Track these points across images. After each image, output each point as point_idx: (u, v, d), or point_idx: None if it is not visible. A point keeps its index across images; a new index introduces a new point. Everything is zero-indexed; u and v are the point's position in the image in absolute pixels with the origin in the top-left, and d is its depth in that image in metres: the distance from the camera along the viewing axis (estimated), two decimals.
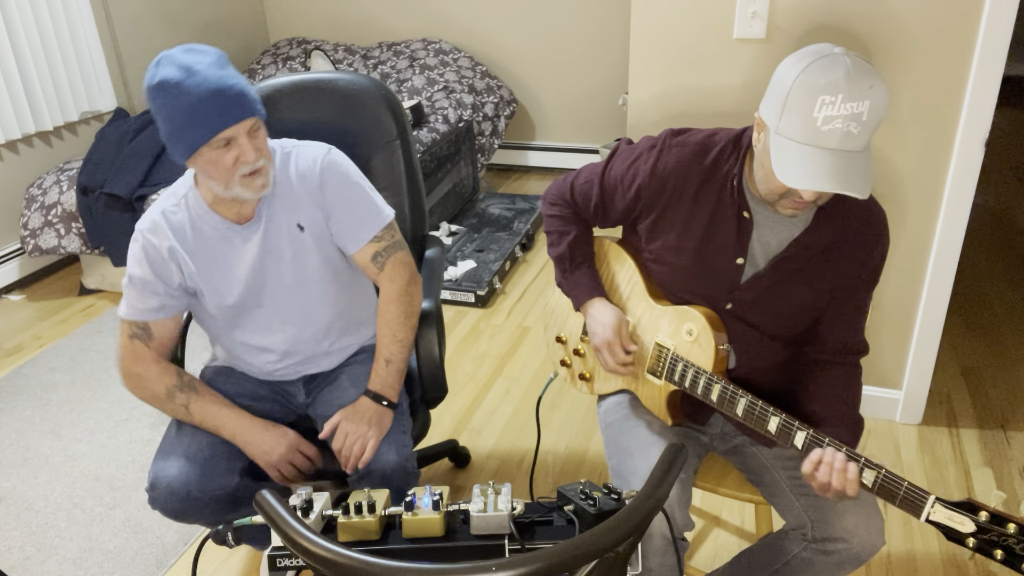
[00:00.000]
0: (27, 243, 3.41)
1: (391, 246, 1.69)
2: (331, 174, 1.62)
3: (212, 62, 1.44)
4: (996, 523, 1.11)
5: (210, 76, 1.41)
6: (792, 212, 1.33)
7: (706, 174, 1.43)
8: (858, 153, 1.22)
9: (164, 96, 1.41)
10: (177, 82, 1.40)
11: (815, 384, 1.46)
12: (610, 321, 1.52)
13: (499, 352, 2.98)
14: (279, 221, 1.61)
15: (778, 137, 1.25)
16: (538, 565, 0.87)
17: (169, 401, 1.60)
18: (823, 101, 1.19)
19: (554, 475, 2.33)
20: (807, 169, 1.21)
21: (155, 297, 1.59)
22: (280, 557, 1.11)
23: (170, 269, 1.58)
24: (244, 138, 1.46)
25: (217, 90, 1.41)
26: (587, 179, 1.58)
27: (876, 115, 1.20)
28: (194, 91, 1.40)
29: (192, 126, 1.41)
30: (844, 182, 1.20)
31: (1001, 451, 2.34)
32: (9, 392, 2.82)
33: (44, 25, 3.58)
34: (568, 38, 4.58)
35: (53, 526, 2.19)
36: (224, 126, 1.42)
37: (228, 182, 1.49)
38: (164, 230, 1.58)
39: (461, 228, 3.93)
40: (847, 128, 1.19)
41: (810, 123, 1.20)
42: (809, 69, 1.21)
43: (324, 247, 1.65)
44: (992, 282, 3.35)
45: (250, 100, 1.46)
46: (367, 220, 1.66)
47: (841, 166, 1.20)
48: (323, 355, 1.74)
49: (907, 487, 1.19)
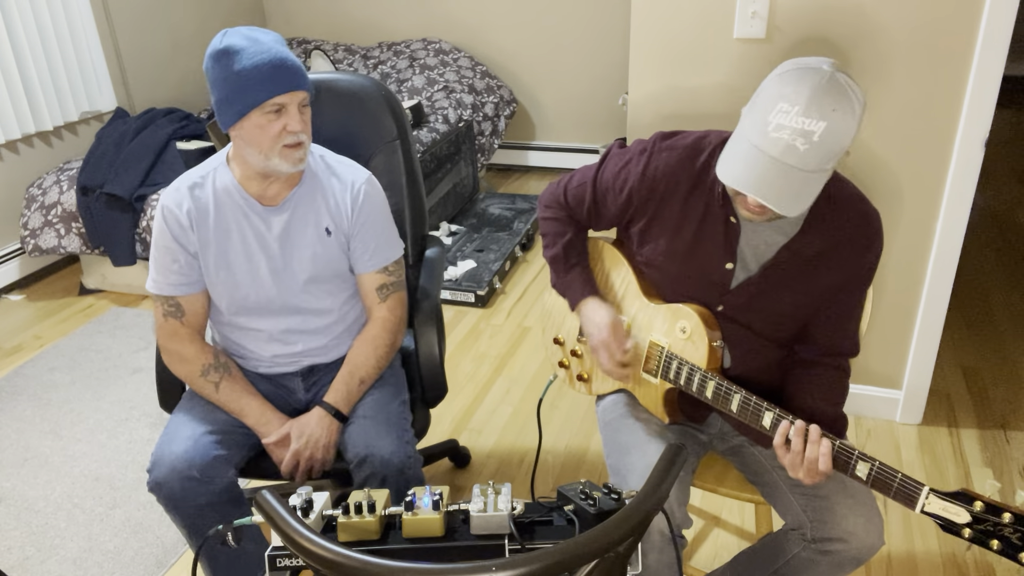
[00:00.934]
0: (27, 243, 3.41)
1: (397, 283, 1.77)
2: (368, 201, 1.70)
3: (275, 39, 1.55)
4: (991, 513, 1.11)
5: (273, 47, 1.52)
6: (748, 214, 1.32)
7: (696, 178, 1.43)
8: (799, 171, 1.19)
9: (227, 59, 1.50)
10: (242, 48, 1.50)
11: (800, 383, 1.46)
12: (604, 321, 1.52)
13: (499, 352, 2.98)
14: (307, 218, 1.67)
15: (738, 131, 1.27)
16: (538, 565, 0.87)
17: (202, 378, 1.67)
18: (780, 108, 1.19)
19: (554, 475, 2.33)
20: (739, 167, 1.22)
21: (176, 266, 1.64)
22: (280, 557, 1.11)
23: (189, 236, 1.64)
24: (294, 108, 1.54)
25: (280, 58, 1.51)
26: (580, 182, 1.59)
27: (832, 140, 1.18)
28: (257, 56, 1.50)
29: (250, 88, 1.49)
30: (767, 192, 1.19)
31: (1001, 451, 2.34)
32: (9, 392, 2.82)
33: (44, 25, 3.58)
34: (568, 38, 4.58)
35: (53, 526, 2.19)
36: (281, 91, 1.51)
37: (269, 151, 1.55)
38: (185, 198, 1.64)
39: (461, 228, 3.93)
40: (792, 141, 1.18)
41: (762, 125, 1.21)
42: (786, 75, 1.21)
43: (342, 254, 1.71)
44: (992, 282, 3.35)
45: (305, 76, 1.55)
46: (384, 249, 1.74)
47: (773, 177, 1.19)
48: (323, 348, 1.76)
49: (901, 479, 1.19)
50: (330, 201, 1.67)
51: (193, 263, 1.65)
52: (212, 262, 1.65)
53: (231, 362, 1.70)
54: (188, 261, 1.65)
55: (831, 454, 1.26)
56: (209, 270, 1.65)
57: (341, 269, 1.72)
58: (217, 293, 1.68)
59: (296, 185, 1.66)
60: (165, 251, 1.64)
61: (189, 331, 1.68)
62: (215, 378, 1.66)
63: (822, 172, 1.21)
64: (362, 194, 1.69)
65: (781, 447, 1.31)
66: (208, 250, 1.64)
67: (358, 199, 1.68)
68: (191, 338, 1.67)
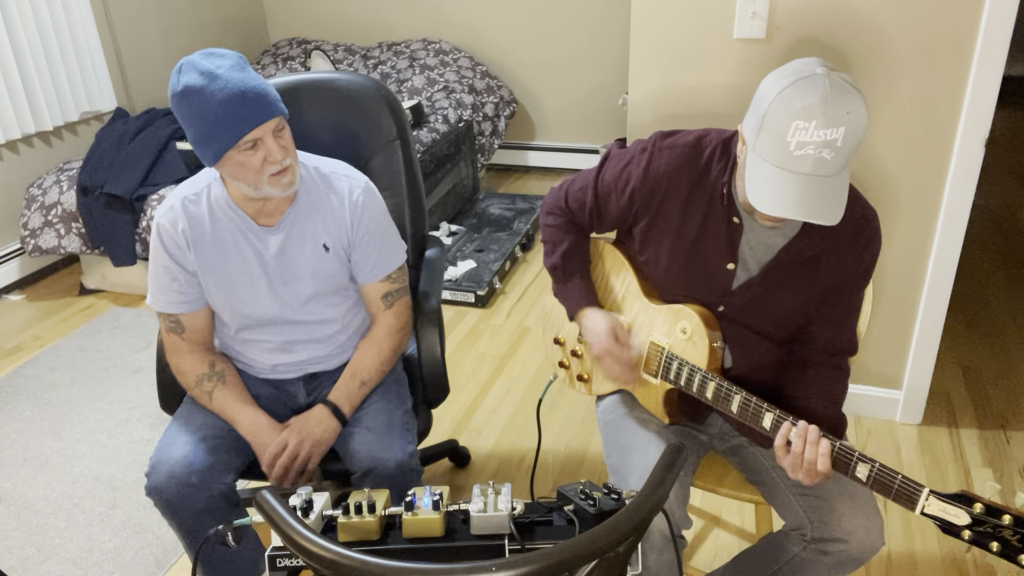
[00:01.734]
0: (27, 243, 3.41)
1: (401, 289, 1.75)
2: (367, 211, 1.66)
3: (232, 65, 1.46)
4: (991, 515, 1.11)
5: (231, 79, 1.43)
6: (771, 224, 1.33)
7: (698, 176, 1.43)
8: (830, 178, 1.20)
9: (188, 103, 1.44)
10: (200, 88, 1.42)
11: (800, 382, 1.46)
12: (603, 329, 1.50)
13: (499, 352, 2.98)
14: (303, 236, 1.63)
15: (754, 155, 1.24)
16: (538, 565, 0.87)
17: (196, 388, 1.66)
18: (797, 126, 1.17)
19: (554, 475, 2.33)
20: (776, 193, 1.21)
21: (175, 285, 1.62)
22: (280, 557, 1.11)
23: (187, 256, 1.61)
24: (270, 138, 1.48)
25: (239, 93, 1.43)
26: (581, 186, 1.59)
27: (853, 140, 1.19)
28: (217, 96, 1.42)
29: (218, 131, 1.43)
30: (811, 209, 1.19)
31: (1001, 451, 2.34)
32: (9, 392, 2.82)
33: (44, 25, 3.58)
34: (568, 38, 4.58)
35: (53, 526, 2.19)
36: (249, 128, 1.44)
37: (257, 183, 1.51)
38: (180, 217, 1.60)
39: (461, 228, 3.93)
40: (819, 154, 1.18)
41: (783, 147, 1.19)
42: (787, 91, 1.19)
43: (343, 268, 1.69)
44: (992, 282, 3.35)
45: (272, 100, 1.48)
46: (387, 257, 1.71)
47: (811, 192, 1.19)
48: (326, 356, 1.75)
49: (901, 480, 1.19)
50: (327, 217, 1.64)
51: (192, 281, 1.63)
52: (212, 281, 1.63)
53: (227, 369, 1.68)
54: (187, 279, 1.62)
55: (830, 455, 1.26)
56: (210, 289, 1.63)
57: (342, 283, 1.70)
58: (220, 309, 1.67)
59: (292, 203, 1.62)
60: (164, 270, 1.62)
61: (188, 344, 1.67)
62: (208, 387, 1.65)
63: (846, 169, 1.23)
64: (360, 205, 1.65)
65: (781, 448, 1.31)
66: (207, 269, 1.62)
67: (356, 211, 1.65)
68: (189, 350, 1.67)
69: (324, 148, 1.89)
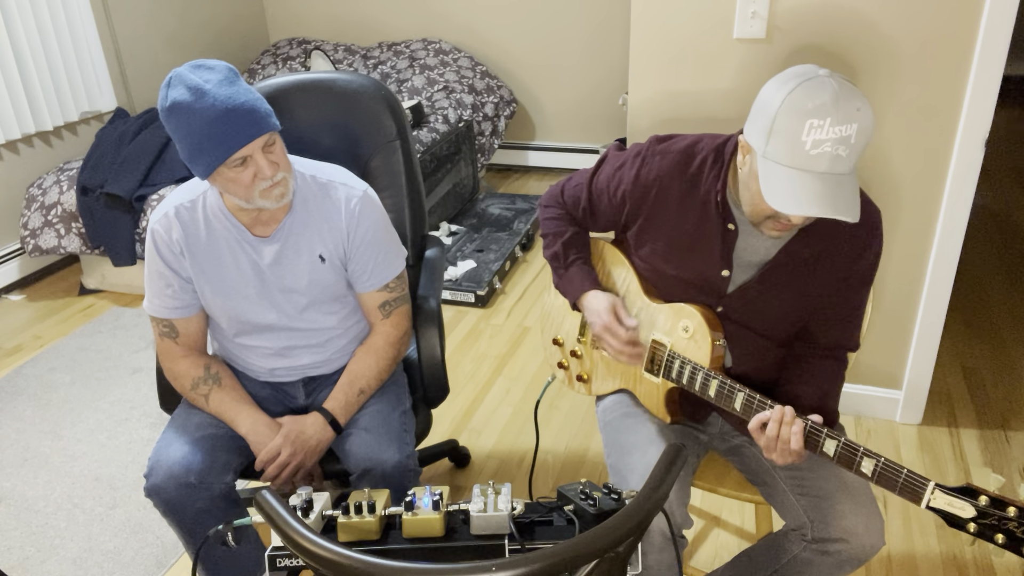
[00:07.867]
0: (27, 243, 3.41)
1: (400, 298, 1.74)
2: (365, 221, 1.64)
3: (221, 79, 1.43)
4: (996, 507, 1.11)
5: (219, 96, 1.41)
6: (777, 234, 1.33)
7: (689, 184, 1.43)
8: (845, 176, 1.21)
9: (176, 119, 1.42)
10: (188, 104, 1.40)
11: (797, 372, 1.47)
12: (603, 306, 1.52)
13: (499, 352, 2.98)
14: (299, 246, 1.62)
15: (766, 161, 1.24)
16: (538, 565, 0.87)
17: (192, 391, 1.66)
18: (811, 125, 1.18)
19: (554, 475, 2.33)
20: (796, 194, 1.21)
21: (170, 290, 1.62)
22: (280, 557, 1.11)
23: (182, 263, 1.61)
24: (259, 154, 1.46)
25: (227, 110, 1.40)
26: (577, 183, 1.61)
27: (863, 137, 1.20)
28: (205, 113, 1.40)
29: (206, 148, 1.42)
30: (834, 206, 1.20)
31: (1001, 451, 2.34)
32: (9, 392, 2.82)
33: (44, 25, 3.58)
34: (568, 38, 4.58)
35: (53, 526, 2.19)
36: (237, 146, 1.42)
37: (249, 196, 1.50)
38: (174, 224, 1.59)
39: (461, 228, 3.93)
40: (836, 151, 1.19)
41: (799, 147, 1.20)
42: (795, 93, 1.20)
43: (340, 278, 1.68)
44: (992, 282, 3.35)
45: (262, 115, 1.45)
46: (384, 266, 1.69)
47: (830, 190, 1.20)
48: (325, 361, 1.75)
49: (907, 474, 1.19)
50: (323, 227, 1.62)
51: (187, 287, 1.62)
52: (208, 288, 1.62)
53: (223, 371, 1.67)
54: (182, 285, 1.62)
55: (803, 433, 1.28)
56: (206, 296, 1.63)
57: (339, 292, 1.69)
58: (217, 315, 1.66)
59: (288, 213, 1.60)
60: (158, 276, 1.61)
61: (183, 349, 1.66)
62: (204, 391, 1.64)
63: (855, 171, 1.24)
64: (357, 214, 1.62)
65: (756, 430, 1.32)
66: (203, 277, 1.61)
67: (353, 220, 1.62)
68: (184, 354, 1.66)
69: (324, 148, 1.89)
